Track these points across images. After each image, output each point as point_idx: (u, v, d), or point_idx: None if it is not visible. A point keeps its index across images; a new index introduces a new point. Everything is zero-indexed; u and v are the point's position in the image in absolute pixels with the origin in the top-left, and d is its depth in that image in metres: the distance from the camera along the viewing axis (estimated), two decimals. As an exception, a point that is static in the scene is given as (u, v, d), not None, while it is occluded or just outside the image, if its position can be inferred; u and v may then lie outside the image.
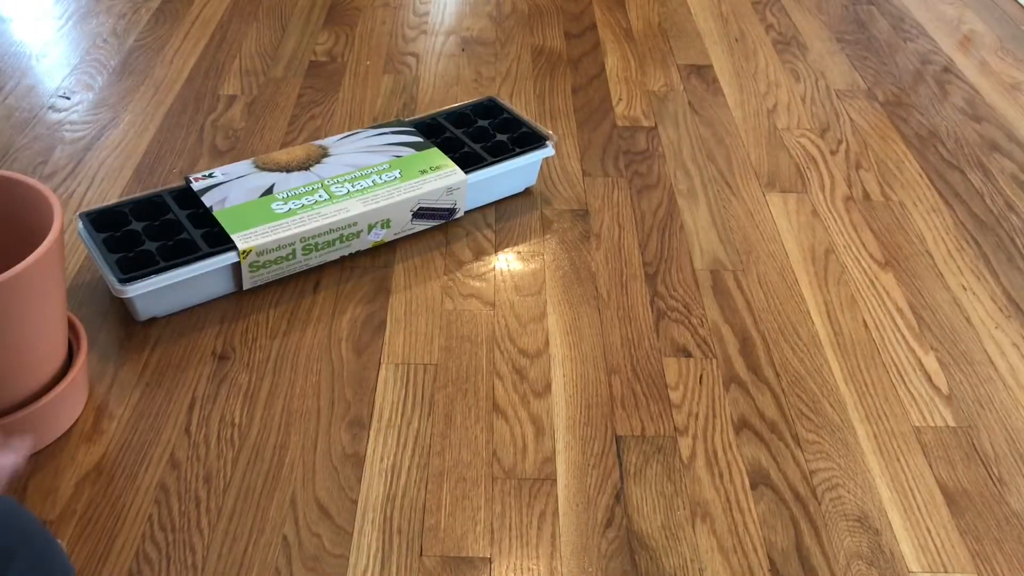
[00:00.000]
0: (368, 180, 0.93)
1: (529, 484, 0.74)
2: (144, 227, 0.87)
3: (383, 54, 1.32)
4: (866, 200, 1.08)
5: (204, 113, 1.16)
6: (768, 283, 0.95)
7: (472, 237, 0.98)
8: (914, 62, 1.38)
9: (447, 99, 1.22)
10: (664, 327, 0.89)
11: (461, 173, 0.95)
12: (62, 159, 1.07)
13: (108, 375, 0.81)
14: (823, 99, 1.27)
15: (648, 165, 1.11)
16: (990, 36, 1.48)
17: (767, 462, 0.76)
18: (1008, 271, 0.99)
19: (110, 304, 0.88)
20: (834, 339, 0.89)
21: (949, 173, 1.13)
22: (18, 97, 1.18)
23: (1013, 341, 0.90)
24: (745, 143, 1.17)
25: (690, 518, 0.72)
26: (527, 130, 1.03)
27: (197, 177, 0.92)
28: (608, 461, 0.76)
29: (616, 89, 1.26)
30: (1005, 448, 0.79)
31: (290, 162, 0.95)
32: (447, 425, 0.78)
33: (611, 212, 1.03)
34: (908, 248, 1.01)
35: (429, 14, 1.43)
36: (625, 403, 0.81)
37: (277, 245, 0.86)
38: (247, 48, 1.31)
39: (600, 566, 0.68)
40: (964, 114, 1.26)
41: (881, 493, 0.75)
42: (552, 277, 0.94)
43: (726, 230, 1.01)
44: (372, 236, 0.93)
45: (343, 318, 0.88)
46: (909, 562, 0.70)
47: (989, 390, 0.85)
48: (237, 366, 0.82)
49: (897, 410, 0.82)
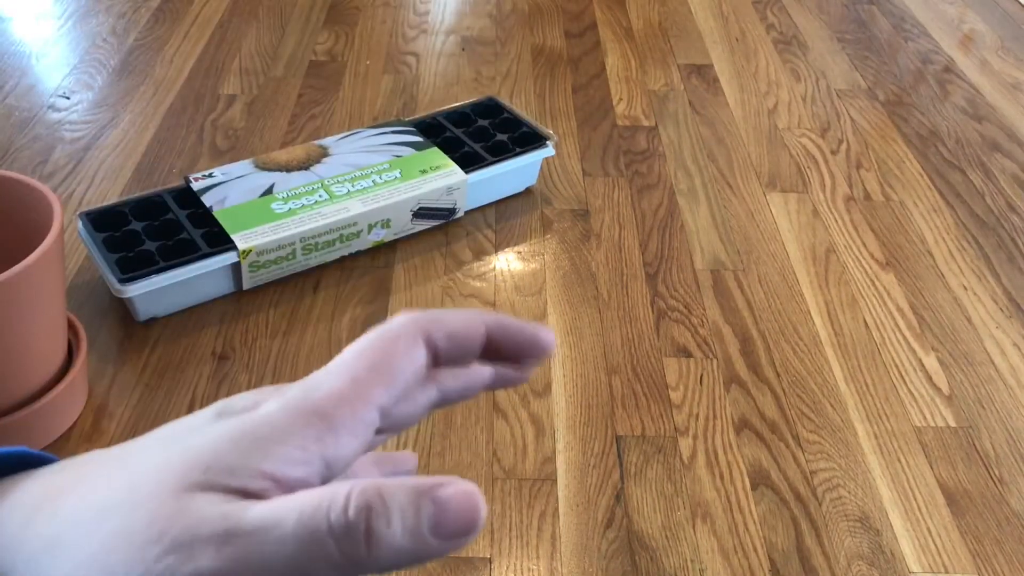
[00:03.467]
0: (368, 180, 0.93)
1: (529, 484, 0.74)
2: (144, 227, 0.87)
3: (383, 54, 1.31)
4: (867, 200, 1.08)
5: (204, 113, 1.16)
6: (769, 283, 0.95)
7: (472, 237, 0.98)
8: (915, 62, 1.38)
9: (447, 99, 1.22)
10: (664, 327, 0.89)
11: (461, 173, 0.95)
12: (62, 159, 1.07)
13: (108, 375, 0.81)
14: (824, 99, 1.27)
15: (648, 165, 1.11)
16: (991, 36, 1.47)
17: (768, 462, 0.76)
18: (1009, 271, 0.98)
19: (110, 304, 0.88)
20: (835, 339, 0.88)
21: (950, 173, 1.13)
22: (18, 97, 1.18)
23: (1014, 341, 0.90)
24: (746, 143, 1.16)
25: (690, 518, 0.72)
26: (527, 130, 1.03)
27: (197, 177, 0.92)
28: (608, 461, 0.76)
29: (616, 88, 1.26)
30: (1006, 448, 0.79)
31: (290, 162, 0.95)
32: (447, 426, 0.78)
33: (611, 212, 1.03)
34: (909, 248, 1.01)
35: (429, 13, 1.43)
36: (625, 403, 0.81)
37: (277, 245, 0.86)
38: (247, 47, 1.31)
39: (600, 566, 0.68)
40: (965, 114, 1.25)
41: (882, 493, 0.75)
42: (552, 277, 0.94)
43: (727, 230, 1.01)
44: (372, 236, 0.93)
45: (343, 318, 0.88)
46: (910, 562, 0.70)
47: (990, 390, 0.84)
48: (237, 366, 0.82)
49: (898, 410, 0.82)
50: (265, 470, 0.22)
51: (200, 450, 0.22)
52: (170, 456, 0.22)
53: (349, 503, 0.21)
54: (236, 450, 0.22)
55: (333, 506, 0.21)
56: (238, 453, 0.22)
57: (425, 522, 0.21)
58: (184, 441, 0.23)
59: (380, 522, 0.21)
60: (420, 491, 0.21)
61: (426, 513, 0.21)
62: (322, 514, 0.21)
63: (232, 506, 0.21)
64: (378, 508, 0.21)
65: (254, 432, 0.22)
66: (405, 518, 0.21)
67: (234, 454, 0.22)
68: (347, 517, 0.21)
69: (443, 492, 0.21)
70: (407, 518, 0.21)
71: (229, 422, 0.23)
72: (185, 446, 0.22)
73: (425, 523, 0.21)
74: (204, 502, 0.21)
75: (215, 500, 0.21)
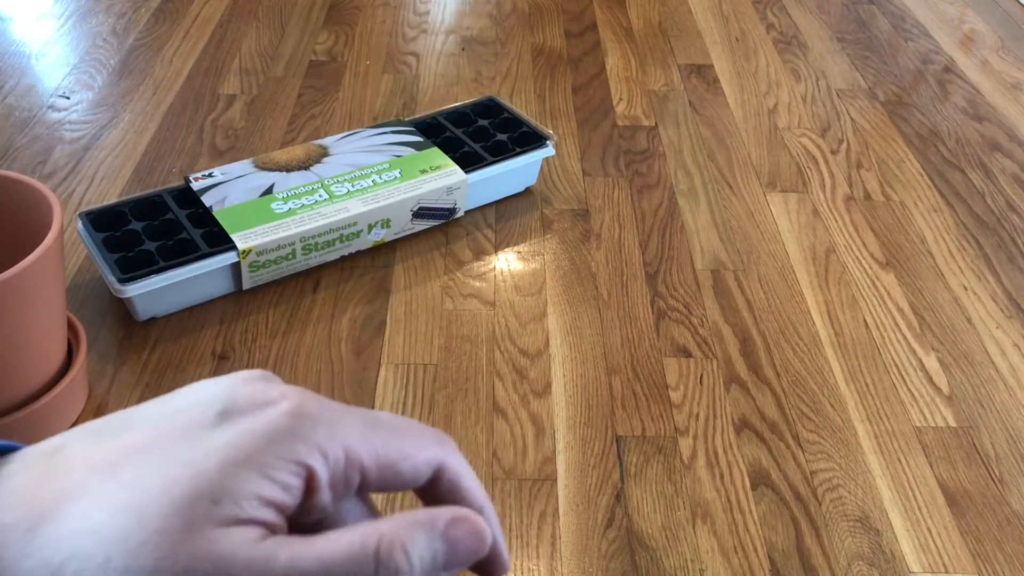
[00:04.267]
0: (368, 180, 0.93)
1: (529, 484, 0.73)
2: (144, 227, 0.87)
3: (383, 53, 1.31)
4: (867, 200, 1.07)
5: (204, 113, 1.16)
6: (769, 283, 0.94)
7: (472, 237, 0.98)
8: (915, 62, 1.38)
9: (447, 98, 1.22)
10: (664, 327, 0.88)
11: (461, 173, 0.95)
12: (61, 159, 1.07)
13: (108, 375, 0.81)
14: (824, 99, 1.27)
15: (648, 165, 1.11)
16: (991, 36, 1.47)
17: (768, 462, 0.76)
18: (1009, 271, 0.98)
19: (110, 304, 0.87)
20: (835, 339, 0.88)
21: (950, 173, 1.13)
22: (17, 97, 1.18)
23: (1014, 341, 0.90)
24: (746, 143, 1.16)
25: (690, 518, 0.72)
26: (527, 130, 1.03)
27: (197, 177, 0.92)
28: (608, 461, 0.76)
29: (616, 88, 1.26)
30: (1006, 448, 0.79)
31: (290, 162, 0.95)
32: (447, 425, 0.78)
33: (611, 212, 1.03)
34: (909, 248, 1.01)
35: (429, 13, 1.43)
36: (625, 403, 0.81)
37: (277, 245, 0.86)
38: (247, 47, 1.31)
39: (600, 566, 0.68)
40: (965, 114, 1.25)
41: (882, 493, 0.75)
42: (552, 277, 0.94)
43: (727, 230, 1.01)
44: (372, 236, 0.93)
45: (343, 318, 0.88)
46: (910, 562, 0.70)
47: (990, 390, 0.84)
48: (237, 366, 0.82)
49: (898, 410, 0.82)
50: (264, 496, 0.22)
51: (207, 477, 0.21)
52: (173, 477, 0.21)
53: (379, 564, 0.22)
54: (241, 475, 0.21)
55: (363, 567, 0.22)
56: (243, 479, 0.21)
57: (440, 562, 0.23)
58: (185, 452, 0.22)
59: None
60: (436, 530, 0.23)
61: (440, 552, 0.23)
62: (351, 574, 0.22)
63: (258, 551, 0.21)
64: (404, 566, 0.22)
65: (257, 450, 0.22)
66: (424, 565, 0.22)
67: (241, 480, 0.21)
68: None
69: (454, 533, 0.23)
70: (425, 563, 0.22)
71: (233, 430, 0.22)
72: (187, 461, 0.21)
73: (440, 563, 0.23)
74: (226, 543, 0.21)
75: (237, 542, 0.21)
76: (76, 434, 0.23)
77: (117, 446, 0.22)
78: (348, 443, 0.23)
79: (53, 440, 0.23)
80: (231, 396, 0.23)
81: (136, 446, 0.22)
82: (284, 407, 0.23)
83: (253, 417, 0.22)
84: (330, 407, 0.24)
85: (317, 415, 0.23)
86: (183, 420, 0.23)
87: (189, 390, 0.24)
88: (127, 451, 0.22)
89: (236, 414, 0.23)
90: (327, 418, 0.23)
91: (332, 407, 0.24)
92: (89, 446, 0.22)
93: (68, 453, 0.22)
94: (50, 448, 0.23)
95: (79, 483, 0.21)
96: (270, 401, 0.23)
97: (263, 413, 0.23)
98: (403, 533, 0.22)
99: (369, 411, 0.25)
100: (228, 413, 0.23)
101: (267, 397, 0.23)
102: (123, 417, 0.24)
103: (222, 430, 0.22)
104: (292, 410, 0.23)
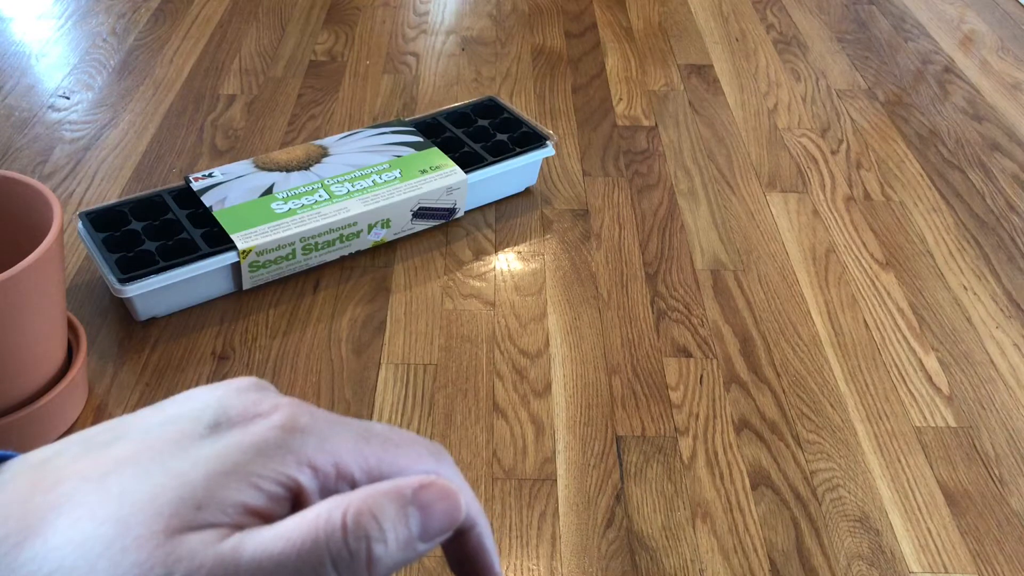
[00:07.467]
0: (368, 180, 0.93)
1: (529, 484, 0.73)
2: (144, 227, 0.87)
3: (383, 54, 1.31)
4: (867, 200, 1.08)
5: (204, 113, 1.16)
6: (769, 283, 0.95)
7: (472, 237, 0.98)
8: (915, 62, 1.38)
9: (447, 99, 1.22)
10: (664, 327, 0.89)
11: (461, 173, 0.95)
12: (61, 159, 1.07)
13: (108, 375, 0.81)
14: (824, 99, 1.27)
15: (648, 165, 1.11)
16: (991, 36, 1.47)
17: (768, 462, 0.76)
18: (1009, 271, 0.98)
19: (110, 304, 0.87)
20: (835, 339, 0.88)
21: (950, 173, 1.13)
22: (17, 97, 1.18)
23: (1014, 341, 0.90)
24: (746, 143, 1.16)
25: (690, 518, 0.72)
26: (527, 130, 1.03)
27: (197, 177, 0.92)
28: (608, 461, 0.76)
29: (616, 89, 1.26)
30: (1006, 448, 0.79)
31: (290, 162, 0.95)
32: (447, 425, 0.78)
33: (611, 212, 1.03)
34: (909, 248, 1.01)
35: (429, 14, 1.43)
36: (625, 403, 0.81)
37: (277, 245, 0.86)
38: (247, 48, 1.31)
39: (600, 566, 0.68)
40: (965, 114, 1.25)
41: (882, 493, 0.75)
42: (552, 277, 0.94)
43: (726, 230, 1.01)
44: (372, 236, 0.93)
45: (343, 318, 0.88)
46: (910, 562, 0.70)
47: (990, 390, 0.84)
48: (237, 366, 0.82)
49: (898, 410, 0.82)
50: (249, 505, 0.21)
51: (193, 485, 0.21)
52: (160, 487, 0.21)
53: (347, 533, 0.21)
54: (227, 484, 0.21)
55: (332, 539, 0.21)
56: (229, 488, 0.21)
57: (415, 530, 0.22)
58: (174, 462, 0.22)
59: (379, 547, 0.21)
60: (405, 498, 0.22)
61: (414, 522, 0.22)
62: (322, 548, 0.21)
63: (226, 546, 0.21)
64: (375, 533, 0.21)
65: (245, 462, 0.22)
66: (398, 533, 0.22)
67: (228, 490, 0.21)
68: (348, 548, 0.21)
69: (425, 496, 0.22)
70: (399, 532, 0.22)
71: (223, 442, 0.22)
72: (175, 471, 0.21)
73: (415, 531, 0.22)
74: (197, 543, 0.20)
75: (208, 540, 0.20)
76: (67, 444, 0.23)
77: (107, 457, 0.22)
78: (338, 457, 0.23)
79: (44, 450, 0.23)
80: (223, 407, 0.23)
81: (126, 457, 0.22)
82: (275, 420, 0.23)
83: (243, 429, 0.22)
84: (322, 419, 0.23)
85: (308, 428, 0.23)
86: (174, 431, 0.23)
87: (182, 399, 0.24)
88: (117, 462, 0.22)
89: (227, 426, 0.23)
90: (318, 431, 0.23)
91: (324, 419, 0.23)
92: (79, 457, 0.22)
93: (58, 464, 0.22)
94: (40, 459, 0.23)
95: (67, 495, 0.21)
96: (261, 413, 0.23)
97: (254, 425, 0.22)
98: (370, 501, 0.22)
99: (364, 423, 0.24)
100: (219, 425, 0.23)
101: (258, 409, 0.23)
102: (115, 426, 0.23)
103: (212, 442, 0.22)
104: (283, 423, 0.23)
